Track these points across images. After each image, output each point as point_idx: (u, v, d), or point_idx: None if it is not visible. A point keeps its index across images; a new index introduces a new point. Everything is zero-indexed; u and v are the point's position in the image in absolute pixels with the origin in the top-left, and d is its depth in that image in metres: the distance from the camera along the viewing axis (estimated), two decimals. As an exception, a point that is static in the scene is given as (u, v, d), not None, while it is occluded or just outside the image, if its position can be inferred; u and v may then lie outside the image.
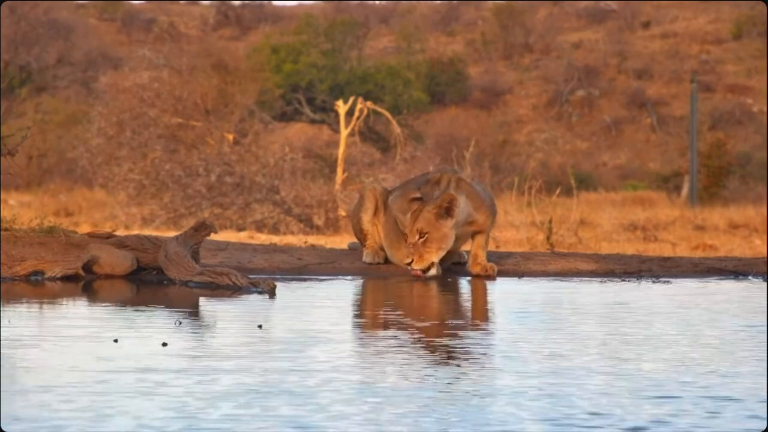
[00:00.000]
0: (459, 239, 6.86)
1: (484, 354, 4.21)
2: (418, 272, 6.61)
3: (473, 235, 6.90)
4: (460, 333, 4.66)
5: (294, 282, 6.54)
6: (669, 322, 5.10)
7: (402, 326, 4.79)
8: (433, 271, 6.65)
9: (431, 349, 4.26)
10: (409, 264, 6.61)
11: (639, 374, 3.81)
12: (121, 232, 7.25)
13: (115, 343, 4.24)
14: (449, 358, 4.07)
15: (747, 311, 5.61)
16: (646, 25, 49.00)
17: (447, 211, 6.60)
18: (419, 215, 6.59)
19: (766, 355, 4.17)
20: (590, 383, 3.64)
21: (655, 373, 3.83)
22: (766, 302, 5.79)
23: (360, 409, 3.22)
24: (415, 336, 4.54)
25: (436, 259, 6.64)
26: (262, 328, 4.72)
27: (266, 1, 52.14)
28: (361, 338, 4.68)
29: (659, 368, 3.93)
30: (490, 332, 4.80)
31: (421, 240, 6.58)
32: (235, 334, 4.69)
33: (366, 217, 7.17)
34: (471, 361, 4.03)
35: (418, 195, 6.69)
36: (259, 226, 23.14)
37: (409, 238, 6.59)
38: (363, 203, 7.25)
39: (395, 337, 4.50)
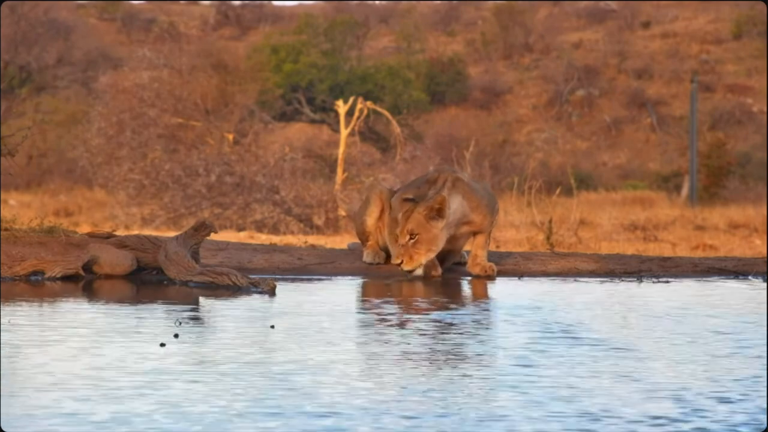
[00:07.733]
0: (458, 239, 6.84)
1: (484, 354, 4.21)
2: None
3: (473, 235, 6.87)
4: (460, 333, 4.66)
5: (294, 282, 6.54)
6: (668, 322, 5.10)
7: (402, 327, 4.79)
8: (419, 271, 6.62)
9: (431, 350, 4.26)
10: (399, 264, 6.57)
11: (639, 375, 3.81)
12: (121, 232, 7.25)
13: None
14: (448, 359, 4.07)
15: (747, 311, 5.61)
16: (646, 25, 48.96)
17: (438, 212, 6.55)
18: (410, 216, 6.56)
19: (766, 354, 4.18)
20: (590, 383, 3.64)
21: (655, 373, 3.83)
22: (766, 302, 5.79)
23: (360, 410, 3.22)
24: (414, 337, 4.54)
25: (425, 260, 6.58)
26: (274, 328, 4.72)
27: (266, 1, 52.09)
28: (360, 339, 4.67)
29: (659, 368, 3.93)
30: (490, 333, 4.80)
31: (412, 241, 6.54)
32: (235, 335, 4.68)
33: (370, 221, 7.10)
34: (471, 361, 4.03)
35: (410, 196, 6.66)
36: (259, 226, 23.14)
37: (399, 238, 6.56)
38: (368, 206, 7.16)
39: (395, 338, 4.49)
